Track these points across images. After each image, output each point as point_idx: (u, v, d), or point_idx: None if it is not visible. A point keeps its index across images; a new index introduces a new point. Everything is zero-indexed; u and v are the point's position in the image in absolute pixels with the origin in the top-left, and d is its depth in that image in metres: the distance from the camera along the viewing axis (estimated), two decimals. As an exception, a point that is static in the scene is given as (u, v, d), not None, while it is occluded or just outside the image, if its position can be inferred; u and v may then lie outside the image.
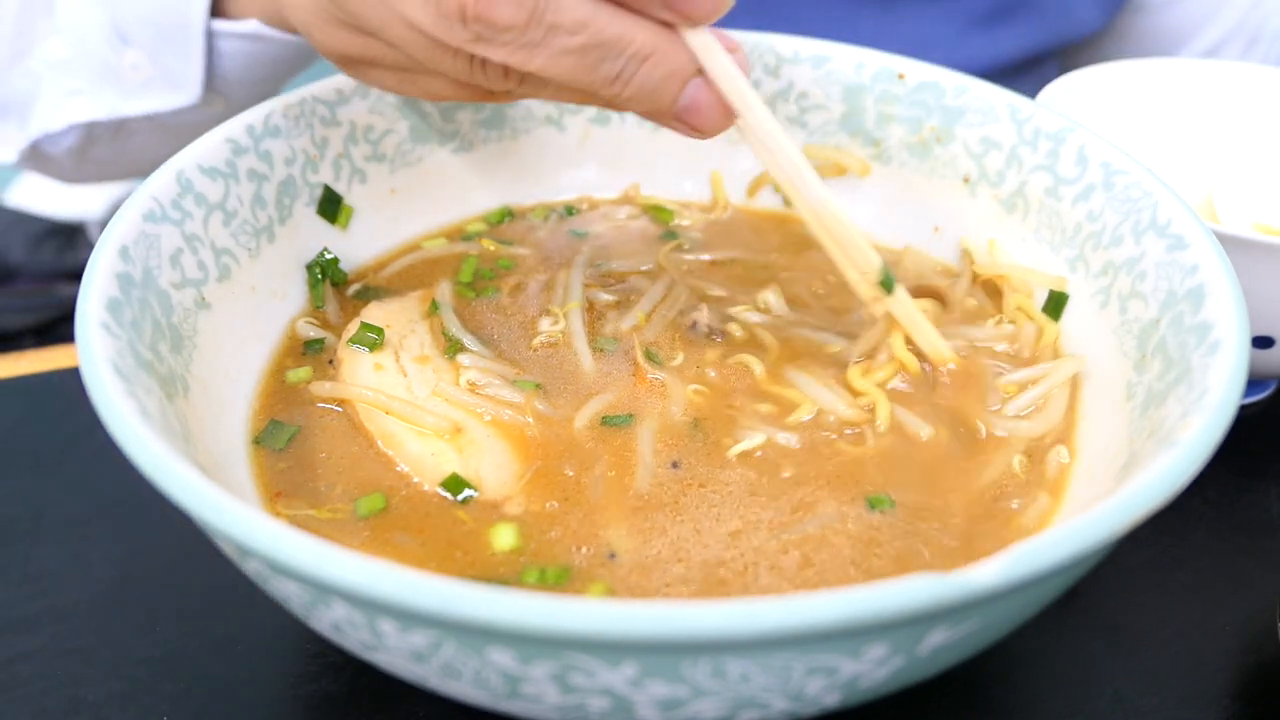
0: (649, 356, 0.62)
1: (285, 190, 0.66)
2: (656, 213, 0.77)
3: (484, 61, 0.50)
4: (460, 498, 0.54)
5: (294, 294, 0.66)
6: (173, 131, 0.84)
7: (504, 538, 0.52)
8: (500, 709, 0.43)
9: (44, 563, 0.62)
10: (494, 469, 0.56)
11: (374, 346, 0.61)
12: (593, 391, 0.61)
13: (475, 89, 0.55)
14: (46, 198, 1.96)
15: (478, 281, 0.69)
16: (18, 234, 1.74)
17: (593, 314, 0.66)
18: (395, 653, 0.41)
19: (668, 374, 0.61)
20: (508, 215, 0.76)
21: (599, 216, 0.77)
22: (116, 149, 0.86)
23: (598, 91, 0.50)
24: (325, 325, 0.65)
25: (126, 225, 0.54)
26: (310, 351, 0.63)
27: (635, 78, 0.49)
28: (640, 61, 0.48)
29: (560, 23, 0.46)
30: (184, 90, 0.79)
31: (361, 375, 0.60)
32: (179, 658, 0.57)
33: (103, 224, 1.85)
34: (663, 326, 0.65)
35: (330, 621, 0.42)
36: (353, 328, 0.62)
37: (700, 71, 0.51)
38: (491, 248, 0.72)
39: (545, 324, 0.65)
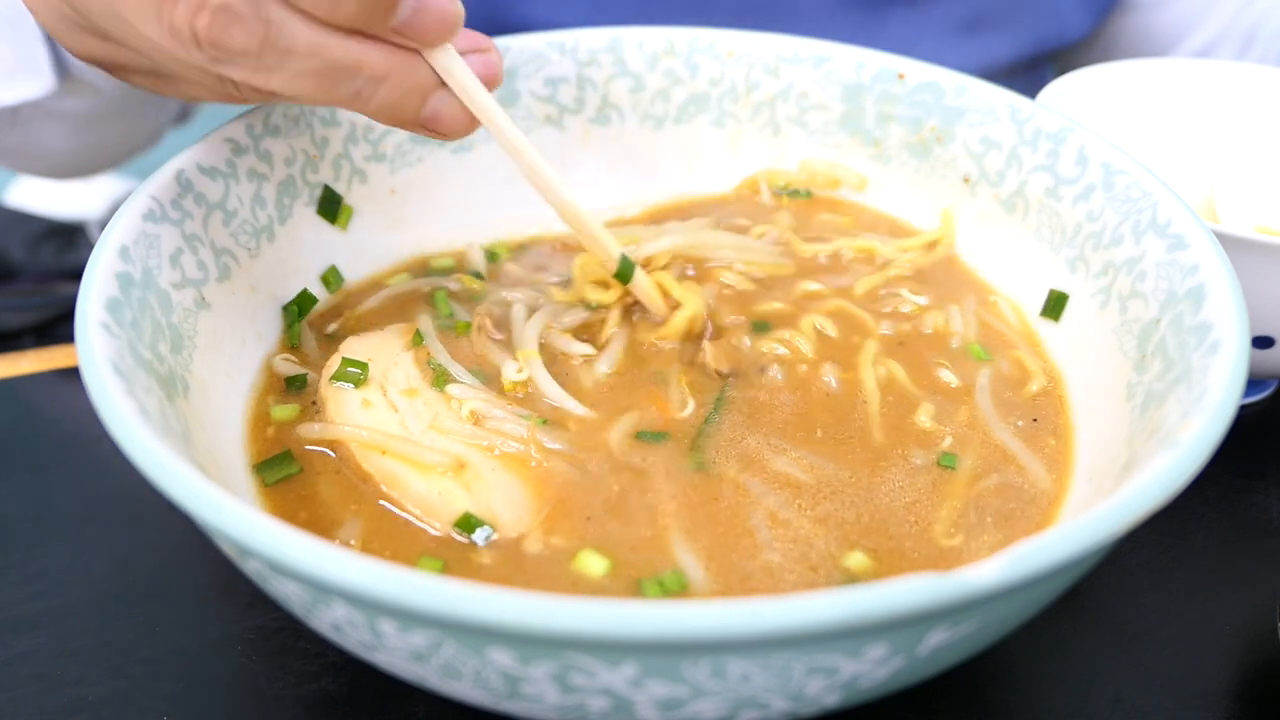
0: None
1: (285, 190, 0.66)
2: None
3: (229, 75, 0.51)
4: (476, 538, 0.52)
5: (294, 296, 0.66)
6: (68, 122, 0.84)
7: (593, 565, 0.51)
8: (500, 709, 0.43)
9: (44, 563, 0.62)
10: (506, 504, 0.53)
11: (358, 382, 0.59)
12: (597, 419, 0.59)
13: (230, 95, 0.55)
14: (46, 198, 1.96)
15: (451, 318, 0.66)
16: (18, 234, 1.74)
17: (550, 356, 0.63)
18: (395, 653, 0.41)
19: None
20: (492, 257, 0.74)
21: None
22: (21, 137, 0.87)
23: (343, 105, 0.51)
24: (304, 362, 0.63)
25: (126, 225, 0.54)
26: (292, 389, 0.61)
27: (375, 96, 0.50)
28: (377, 83, 0.49)
29: (293, 48, 0.47)
30: (41, 78, 0.79)
31: (350, 413, 0.57)
32: (179, 658, 0.57)
33: (103, 224, 1.85)
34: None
35: (330, 621, 0.42)
36: (334, 364, 0.60)
37: (443, 84, 0.52)
38: (461, 283, 0.69)
39: (510, 370, 0.61)
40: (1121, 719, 0.55)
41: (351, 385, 0.59)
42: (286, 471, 0.56)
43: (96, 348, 0.46)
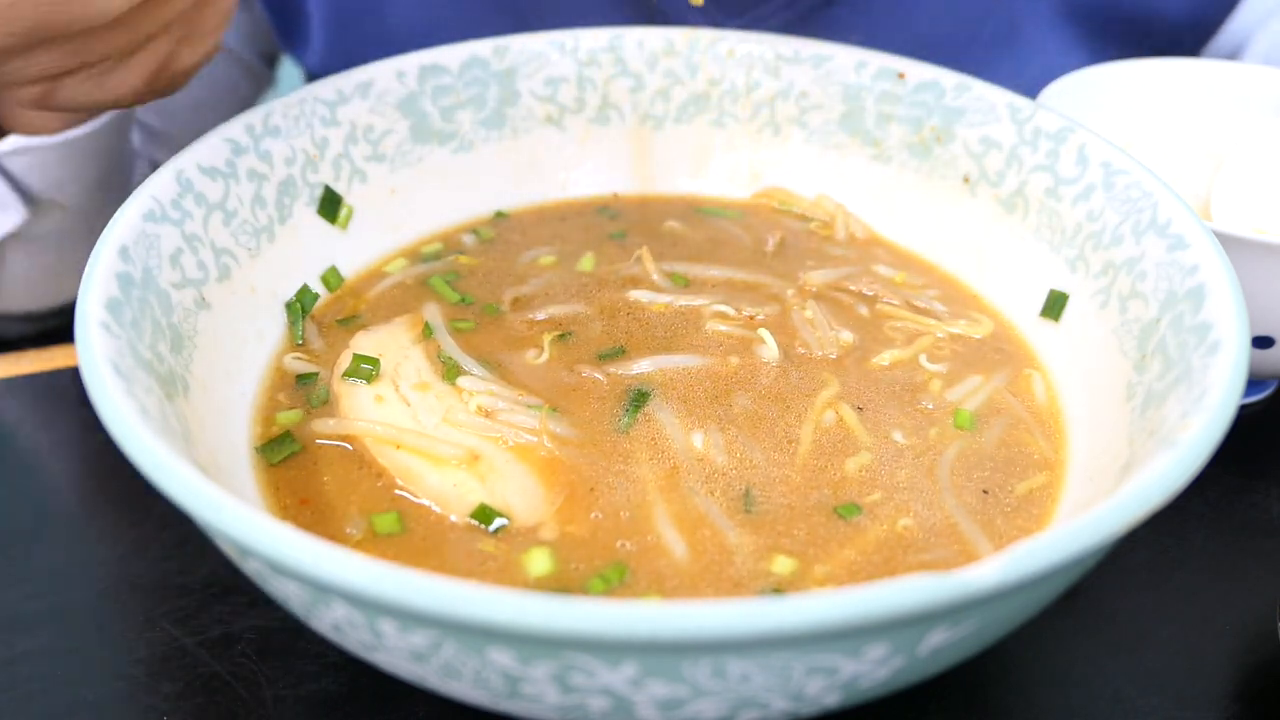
0: None
1: (285, 190, 0.66)
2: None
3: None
4: (492, 528, 0.53)
5: (294, 294, 0.66)
6: (45, 247, 0.87)
7: (539, 563, 0.51)
8: (500, 709, 0.43)
9: (44, 563, 0.62)
10: (520, 494, 0.54)
11: (370, 378, 0.60)
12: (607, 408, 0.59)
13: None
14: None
15: (461, 304, 0.67)
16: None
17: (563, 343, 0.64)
18: (395, 653, 0.41)
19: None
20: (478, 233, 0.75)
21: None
22: (3, 273, 0.90)
23: None
24: (314, 359, 0.63)
25: (126, 225, 0.54)
26: (302, 386, 0.61)
27: None
28: None
29: None
30: (10, 210, 0.83)
31: (363, 409, 0.58)
32: (179, 658, 0.57)
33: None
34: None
35: (330, 621, 0.42)
36: (345, 361, 0.61)
37: None
38: (465, 261, 0.70)
39: (530, 355, 0.63)
40: (1121, 719, 0.55)
41: (364, 381, 0.59)
42: (289, 450, 0.56)
43: (96, 348, 0.46)
